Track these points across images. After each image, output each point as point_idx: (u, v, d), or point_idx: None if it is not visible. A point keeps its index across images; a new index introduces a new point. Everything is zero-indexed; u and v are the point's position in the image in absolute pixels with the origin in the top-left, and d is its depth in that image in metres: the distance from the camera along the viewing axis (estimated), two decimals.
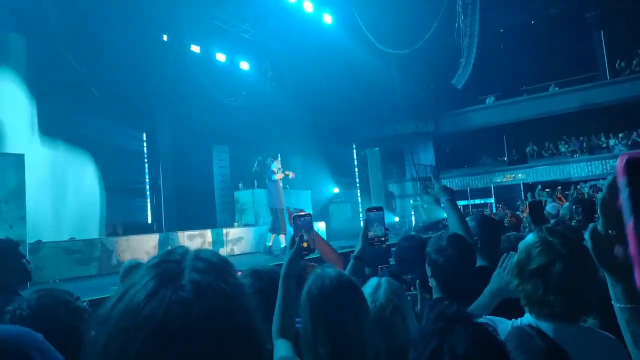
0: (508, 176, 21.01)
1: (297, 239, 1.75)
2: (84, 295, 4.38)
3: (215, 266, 0.62)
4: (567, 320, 1.36)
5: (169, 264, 0.60)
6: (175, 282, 0.57)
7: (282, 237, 8.74)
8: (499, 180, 20.99)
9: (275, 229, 8.79)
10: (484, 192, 20.80)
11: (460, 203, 19.50)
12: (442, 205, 2.58)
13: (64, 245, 7.71)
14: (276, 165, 8.98)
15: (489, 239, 2.60)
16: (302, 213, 1.82)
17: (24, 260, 2.61)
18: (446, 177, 22.50)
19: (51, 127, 10.14)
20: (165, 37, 12.14)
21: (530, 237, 1.48)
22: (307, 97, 16.24)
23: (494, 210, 17.17)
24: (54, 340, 0.85)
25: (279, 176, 8.89)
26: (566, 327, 1.33)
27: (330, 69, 16.71)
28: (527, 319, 1.42)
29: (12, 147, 8.02)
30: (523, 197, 18.54)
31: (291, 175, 9.27)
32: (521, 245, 1.48)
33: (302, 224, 1.79)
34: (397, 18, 16.63)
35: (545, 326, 1.32)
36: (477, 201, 20.62)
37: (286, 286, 1.67)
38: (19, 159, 6.21)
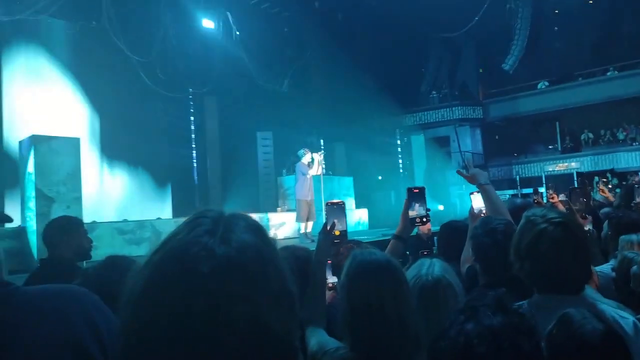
0: (561, 165, 20.12)
1: (328, 226, 1.73)
2: None
3: (251, 225, 0.64)
4: (569, 292, 1.40)
5: (206, 219, 0.62)
6: (215, 235, 0.59)
7: (309, 225, 8.79)
8: (550, 169, 20.14)
9: (299, 217, 8.90)
10: (534, 181, 20.02)
11: (510, 192, 18.89)
12: (476, 190, 2.50)
13: (116, 225, 8.07)
14: (306, 158, 8.88)
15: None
16: (335, 201, 1.81)
17: (85, 239, 2.73)
18: (494, 166, 21.81)
19: (103, 112, 10.61)
20: (212, 24, 12.32)
21: (521, 222, 1.55)
22: (351, 83, 16.10)
23: (545, 200, 16.50)
24: (113, 295, 0.93)
25: (311, 172, 8.80)
26: (569, 299, 1.34)
27: (375, 54, 16.47)
28: (535, 298, 1.46)
29: (70, 132, 8.42)
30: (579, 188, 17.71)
31: (317, 158, 9.10)
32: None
33: (335, 211, 1.77)
34: None
35: (549, 299, 1.38)
36: (528, 190, 19.89)
37: (317, 273, 1.67)
38: (75, 143, 6.53)
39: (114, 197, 10.59)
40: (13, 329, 0.80)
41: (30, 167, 6.19)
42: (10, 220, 2.12)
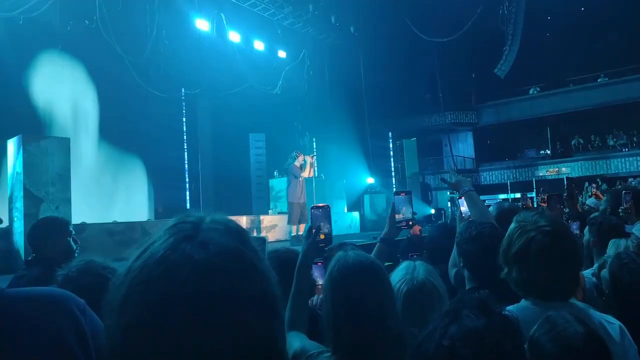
0: (551, 170, 20.29)
1: (313, 230, 1.72)
2: None
3: (231, 229, 0.64)
4: (557, 299, 1.40)
5: (186, 224, 0.63)
6: (194, 240, 0.59)
7: (301, 227, 8.81)
8: (541, 174, 20.30)
9: (290, 220, 8.92)
10: (525, 186, 20.18)
11: (501, 196, 19.01)
12: (461, 196, 2.51)
13: (106, 227, 8.01)
14: (299, 161, 8.92)
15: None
16: (320, 205, 1.79)
17: (70, 239, 2.69)
18: (486, 170, 21.95)
19: (94, 112, 10.54)
20: (206, 26, 12.28)
21: (511, 226, 1.52)
22: (344, 86, 16.14)
23: (535, 205, 16.62)
24: (95, 297, 0.90)
25: (304, 175, 8.84)
26: (557, 305, 1.34)
27: (368, 58, 16.52)
28: (523, 303, 1.44)
29: (61, 132, 8.36)
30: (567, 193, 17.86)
31: (310, 160, 9.18)
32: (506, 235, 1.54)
33: (320, 215, 1.75)
34: (438, 4, 16.22)
35: (536, 305, 1.38)
36: (518, 195, 20.03)
37: (300, 277, 1.65)
38: (65, 143, 6.47)
39: (103, 198, 10.51)
40: None
41: (19, 167, 6.12)
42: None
